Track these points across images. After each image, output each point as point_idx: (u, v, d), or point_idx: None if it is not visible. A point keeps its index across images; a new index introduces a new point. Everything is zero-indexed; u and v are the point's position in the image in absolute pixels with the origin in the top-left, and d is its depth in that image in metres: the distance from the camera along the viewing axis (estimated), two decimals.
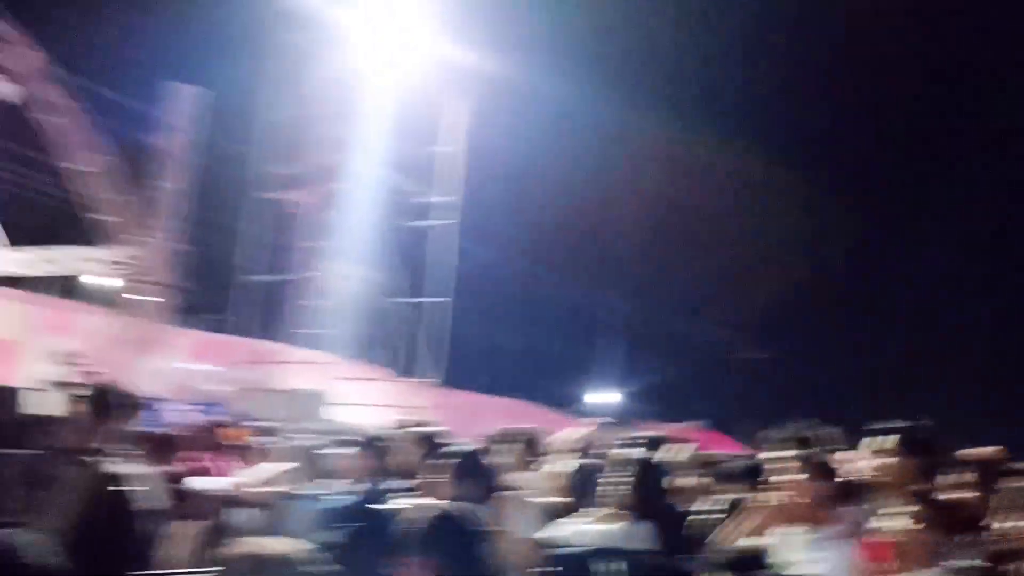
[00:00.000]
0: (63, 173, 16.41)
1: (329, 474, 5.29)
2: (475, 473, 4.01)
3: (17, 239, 15.89)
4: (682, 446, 4.76)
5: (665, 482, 4.10)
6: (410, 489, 4.63)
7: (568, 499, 4.50)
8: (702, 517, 3.99)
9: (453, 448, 4.26)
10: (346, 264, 14.43)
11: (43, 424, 5.45)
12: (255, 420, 11.12)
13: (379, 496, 4.58)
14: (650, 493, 3.91)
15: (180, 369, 20.15)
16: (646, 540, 3.80)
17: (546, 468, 5.18)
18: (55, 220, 18.67)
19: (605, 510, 3.93)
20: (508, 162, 23.41)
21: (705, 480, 4.44)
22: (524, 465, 5.06)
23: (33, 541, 2.50)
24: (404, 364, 16.95)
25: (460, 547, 2.25)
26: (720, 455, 5.47)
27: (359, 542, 4.10)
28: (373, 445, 4.93)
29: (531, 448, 5.27)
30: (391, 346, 16.49)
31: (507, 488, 4.12)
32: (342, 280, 14.16)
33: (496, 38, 16.23)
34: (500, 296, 26.97)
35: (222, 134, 17.96)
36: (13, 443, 6.53)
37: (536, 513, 4.01)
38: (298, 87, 14.91)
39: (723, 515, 3.87)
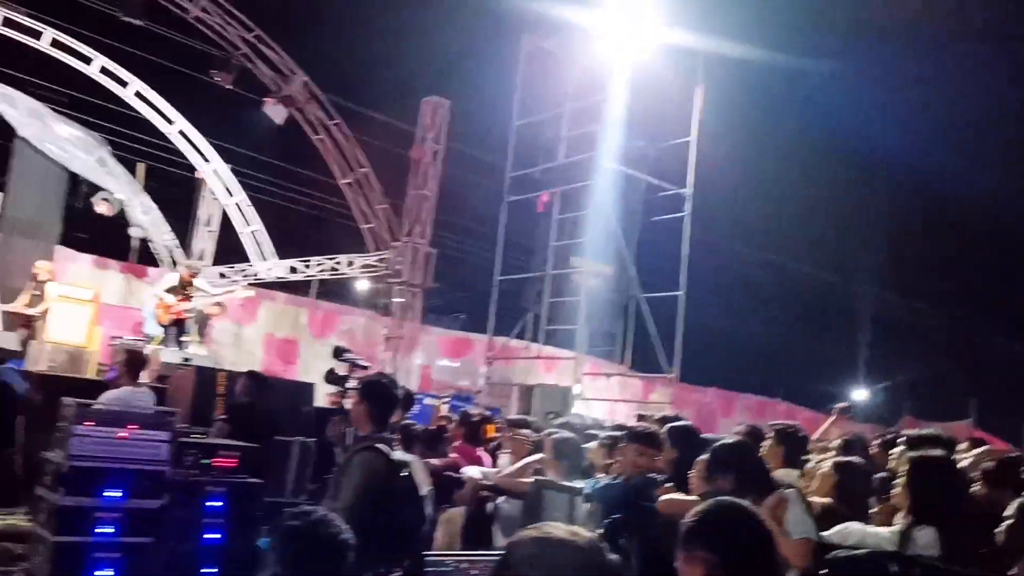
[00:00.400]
0: (326, 186, 18.03)
1: (586, 467, 5.35)
2: (741, 468, 3.87)
3: (286, 247, 17.58)
4: (976, 446, 4.32)
5: (955, 484, 3.74)
6: (667, 482, 4.57)
7: (837, 500, 4.24)
8: (1000, 523, 3.58)
9: (720, 442, 4.13)
10: (590, 261, 14.58)
11: (331, 415, 5.95)
12: (510, 415, 11.54)
13: (638, 488, 4.57)
14: (939, 495, 3.59)
15: (435, 366, 21.44)
16: (933, 546, 3.49)
17: (811, 466, 4.92)
18: (319, 229, 20.52)
19: (888, 513, 3.64)
20: (743, 148, 22.54)
21: (1003, 483, 4.00)
22: (785, 462, 4.85)
23: (329, 519, 2.74)
24: (641, 359, 16.90)
25: (746, 541, 2.15)
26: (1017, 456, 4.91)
27: (621, 534, 4.09)
28: (632, 438, 4.91)
29: (793, 445, 5.02)
30: (628, 341, 16.45)
31: (777, 486, 3.93)
32: (587, 277, 14.34)
33: (726, 23, 15.74)
34: (736, 288, 26.11)
35: (471, 141, 18.91)
36: (309, 432, 7.28)
37: (810, 513, 3.80)
38: (540, 89, 15.30)
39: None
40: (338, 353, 4.86)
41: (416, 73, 17.75)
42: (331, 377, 4.76)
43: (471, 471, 5.78)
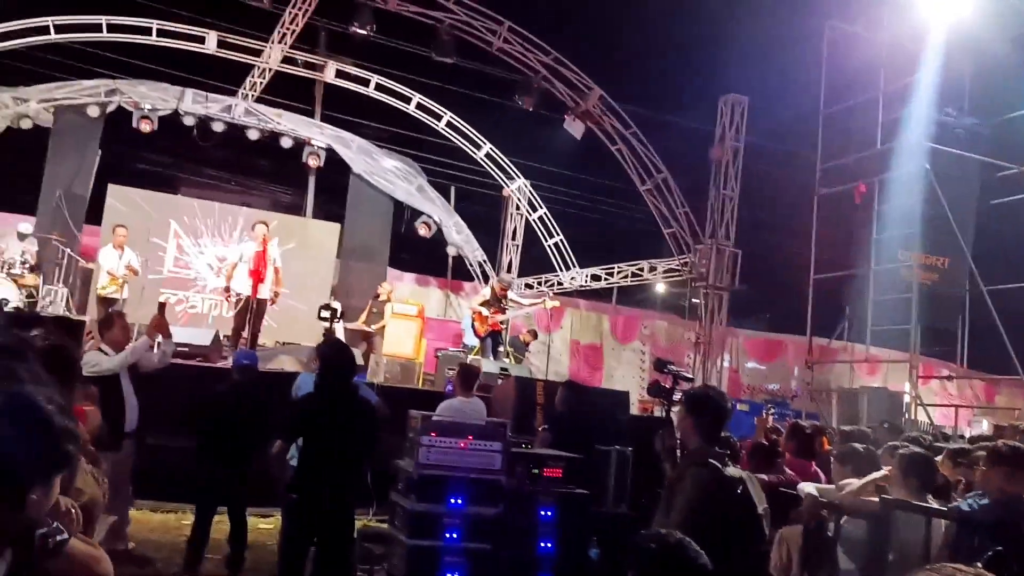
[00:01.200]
0: (625, 193, 18.19)
1: (940, 485, 4.80)
2: None
3: (587, 256, 17.96)
4: None
5: None
6: None
7: None
8: None
9: None
10: (919, 252, 13.28)
11: (650, 424, 5.92)
12: (832, 421, 10.80)
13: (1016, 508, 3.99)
14: None
15: (744, 369, 20.80)
16: None
17: None
18: (619, 237, 20.77)
19: None
20: None
21: None
22: None
23: (687, 543, 2.66)
24: (981, 359, 15.12)
25: None
26: None
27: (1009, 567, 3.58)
28: (998, 459, 4.31)
29: None
30: (966, 340, 14.73)
31: None
32: (917, 270, 13.06)
33: None
34: None
35: (771, 136, 18.16)
36: (626, 440, 7.31)
37: None
38: (847, 75, 14.30)
39: None
40: (661, 365, 4.78)
41: (710, 73, 17.41)
42: (654, 390, 4.69)
43: (807, 487, 5.43)
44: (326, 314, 8.51)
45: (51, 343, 2.93)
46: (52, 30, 13.87)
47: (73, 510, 1.96)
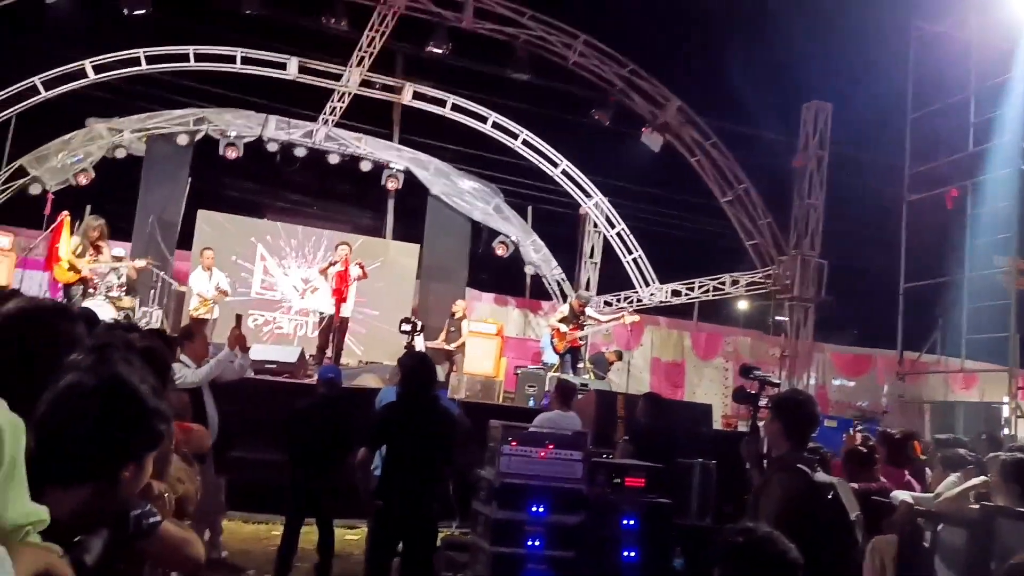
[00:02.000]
0: (704, 207, 17.95)
1: None
2: None
3: (667, 272, 17.73)
4: None
5: None
6: None
7: None
8: None
9: None
10: (1020, 258, 12.69)
11: (734, 438, 5.80)
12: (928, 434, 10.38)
13: None
14: None
15: (831, 385, 20.19)
16: None
17: None
18: (698, 251, 20.47)
19: None
20: None
21: None
22: None
23: (775, 537, 2.58)
24: None
25: None
26: None
27: None
28: None
29: None
30: None
31: None
32: (1016, 277, 12.47)
33: None
34: None
35: (855, 144, 17.72)
36: (709, 454, 7.20)
37: None
38: (936, 77, 13.86)
39: None
40: (746, 371, 4.68)
41: (791, 80, 17.08)
42: (740, 396, 4.60)
43: (902, 495, 5.23)
44: (406, 327, 8.66)
45: (148, 344, 3.05)
46: (143, 61, 14.53)
47: (166, 495, 2.02)
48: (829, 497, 3.74)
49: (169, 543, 1.85)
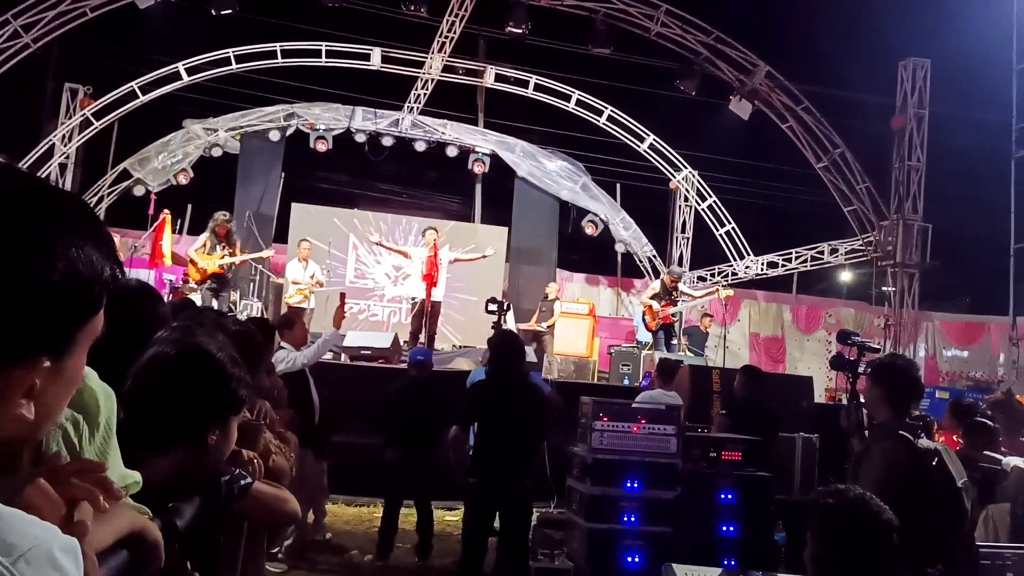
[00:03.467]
0: (798, 175, 17.39)
1: None
2: None
3: (762, 244, 17.27)
4: None
5: None
6: None
7: None
8: None
9: None
10: None
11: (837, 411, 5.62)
12: None
13: None
14: None
15: (942, 356, 19.33)
16: None
17: None
18: (794, 220, 19.87)
19: None
20: None
21: None
22: None
23: (869, 498, 2.48)
24: None
25: None
26: None
27: None
28: None
29: None
30: None
31: None
32: None
33: None
34: None
35: (955, 101, 16.83)
36: (811, 427, 7.02)
37: None
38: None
39: None
40: (844, 337, 4.52)
41: (885, 37, 16.31)
42: (838, 362, 4.43)
43: (1014, 461, 4.95)
44: (493, 307, 8.69)
45: (242, 329, 3.15)
46: (233, 61, 14.97)
47: (256, 461, 2.08)
48: (933, 464, 3.59)
49: (263, 501, 1.91)
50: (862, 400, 4.09)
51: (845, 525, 2.36)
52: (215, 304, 10.47)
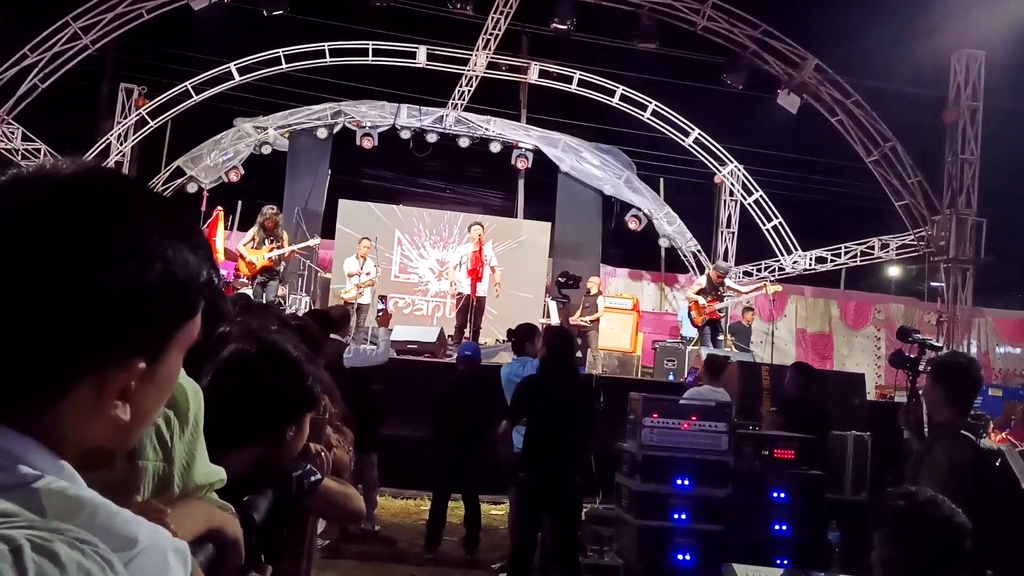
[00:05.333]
0: (846, 170, 17.11)
1: None
2: None
3: (810, 239, 17.02)
4: None
5: None
6: None
7: None
8: None
9: None
10: None
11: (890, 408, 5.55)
12: None
13: None
14: None
15: (995, 353, 18.90)
16: None
17: None
18: (842, 215, 19.56)
19: None
20: None
21: None
22: None
23: (940, 500, 2.45)
24: None
25: None
26: None
27: None
28: None
29: None
30: None
31: None
32: None
33: None
34: None
35: (1010, 93, 16.41)
36: (863, 425, 6.94)
37: None
38: None
39: None
40: (905, 334, 4.45)
41: (936, 30, 15.94)
42: (897, 359, 4.37)
43: None
44: (562, 280, 8.83)
45: (301, 323, 3.22)
46: (283, 60, 15.18)
47: (323, 454, 2.12)
48: (997, 464, 3.54)
49: (331, 498, 1.96)
50: (922, 398, 4.04)
51: (916, 529, 2.32)
52: (263, 298, 10.62)
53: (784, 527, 5.25)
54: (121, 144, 15.52)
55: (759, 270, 17.56)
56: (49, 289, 0.78)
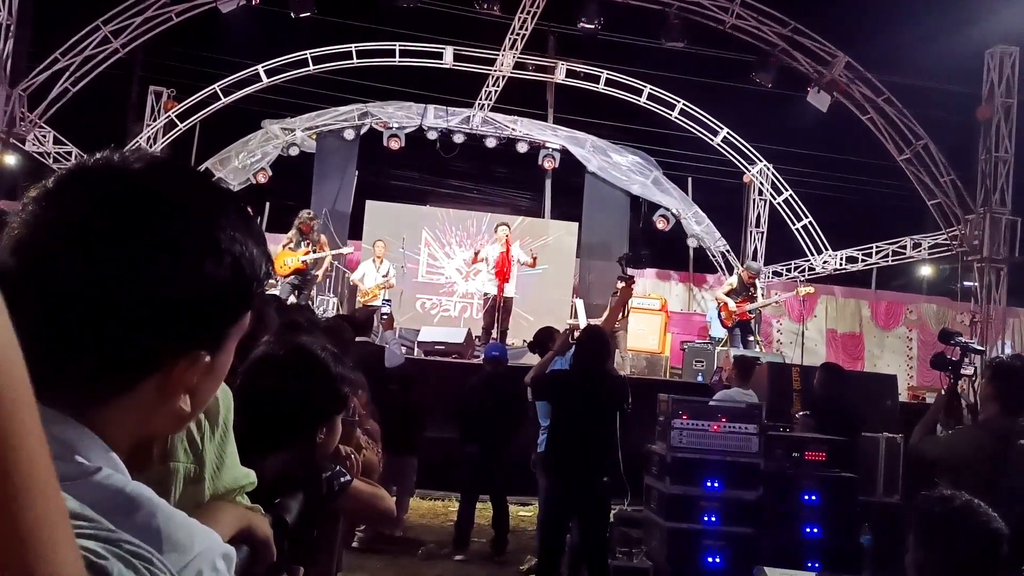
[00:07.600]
0: (877, 168, 16.89)
1: None
2: None
3: (841, 239, 16.83)
4: None
5: None
6: None
7: None
8: None
9: None
10: None
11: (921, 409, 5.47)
12: None
13: None
14: None
15: None
16: None
17: None
18: (874, 215, 19.32)
19: None
20: None
21: None
22: None
23: (976, 505, 2.40)
24: None
25: None
26: None
27: None
28: None
29: None
30: None
31: None
32: None
33: None
34: None
35: None
36: (894, 427, 6.84)
37: None
38: None
39: None
40: (947, 336, 4.42)
41: (969, 26, 15.69)
42: (939, 362, 4.31)
43: None
44: (623, 261, 8.96)
45: (330, 324, 3.23)
46: (310, 62, 15.27)
47: (353, 455, 2.12)
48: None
49: (361, 499, 1.96)
50: (962, 400, 4.04)
51: (952, 534, 2.27)
52: (293, 299, 10.70)
53: (815, 530, 5.19)
54: (151, 146, 15.69)
55: (789, 270, 17.39)
56: (131, 287, 0.78)
